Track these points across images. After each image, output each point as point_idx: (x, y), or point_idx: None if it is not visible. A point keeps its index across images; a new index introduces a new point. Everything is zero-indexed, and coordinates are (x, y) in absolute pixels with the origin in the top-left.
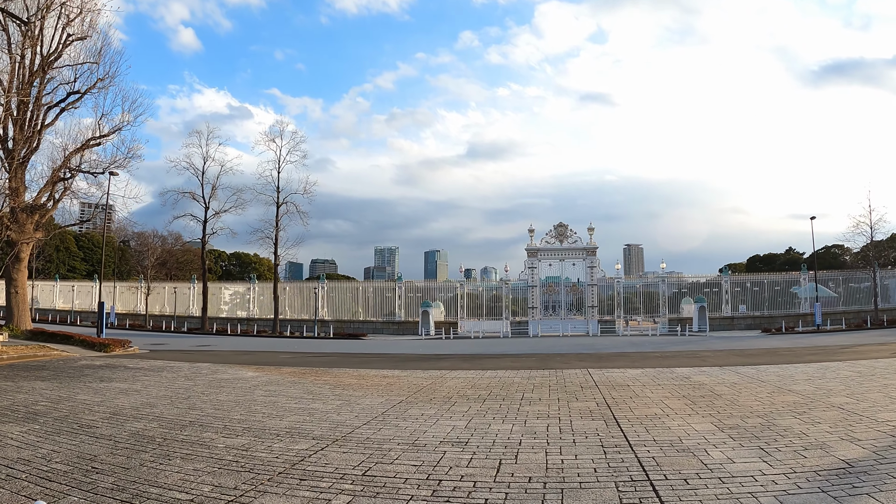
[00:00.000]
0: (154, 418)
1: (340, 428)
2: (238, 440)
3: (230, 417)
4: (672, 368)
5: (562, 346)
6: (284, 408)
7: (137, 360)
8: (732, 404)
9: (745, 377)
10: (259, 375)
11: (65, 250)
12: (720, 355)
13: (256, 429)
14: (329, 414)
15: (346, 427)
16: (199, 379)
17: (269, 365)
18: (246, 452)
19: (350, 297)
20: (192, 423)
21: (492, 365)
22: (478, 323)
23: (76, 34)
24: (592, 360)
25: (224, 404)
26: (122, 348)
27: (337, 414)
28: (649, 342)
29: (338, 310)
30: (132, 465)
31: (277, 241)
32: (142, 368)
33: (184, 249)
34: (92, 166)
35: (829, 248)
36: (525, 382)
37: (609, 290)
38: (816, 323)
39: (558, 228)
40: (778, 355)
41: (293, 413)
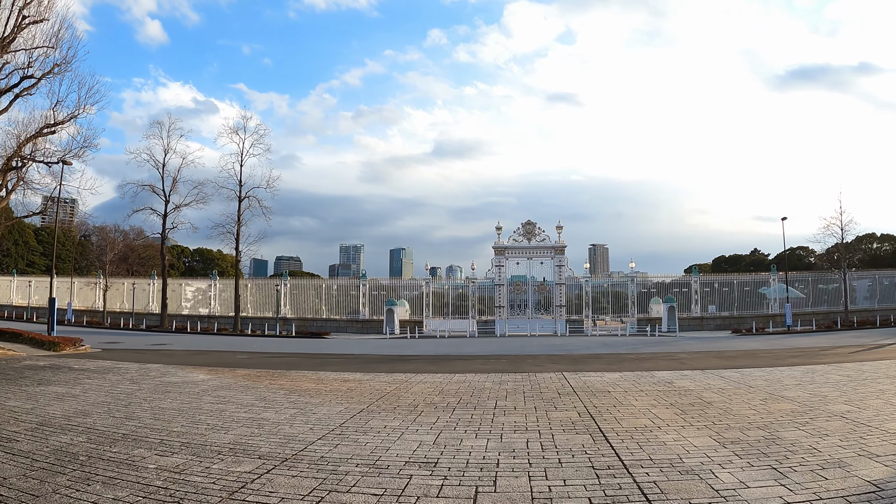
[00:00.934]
0: (84, 430)
1: (292, 443)
2: (173, 459)
3: (169, 429)
4: (651, 372)
5: (531, 347)
6: (232, 418)
7: (86, 360)
8: (726, 413)
9: (732, 382)
10: (210, 379)
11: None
12: (698, 357)
13: (197, 444)
14: (281, 425)
15: (299, 442)
16: (145, 382)
17: (224, 366)
18: (179, 476)
19: (313, 295)
20: (126, 437)
21: (460, 367)
22: (444, 322)
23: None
24: (566, 362)
25: (166, 413)
26: (73, 347)
27: (290, 426)
28: (621, 343)
29: (301, 308)
30: (44, 491)
31: (239, 236)
32: (87, 370)
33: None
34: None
35: (795, 249)
36: (497, 388)
37: (577, 290)
38: (787, 324)
39: (526, 226)
40: (758, 357)
41: (241, 424)
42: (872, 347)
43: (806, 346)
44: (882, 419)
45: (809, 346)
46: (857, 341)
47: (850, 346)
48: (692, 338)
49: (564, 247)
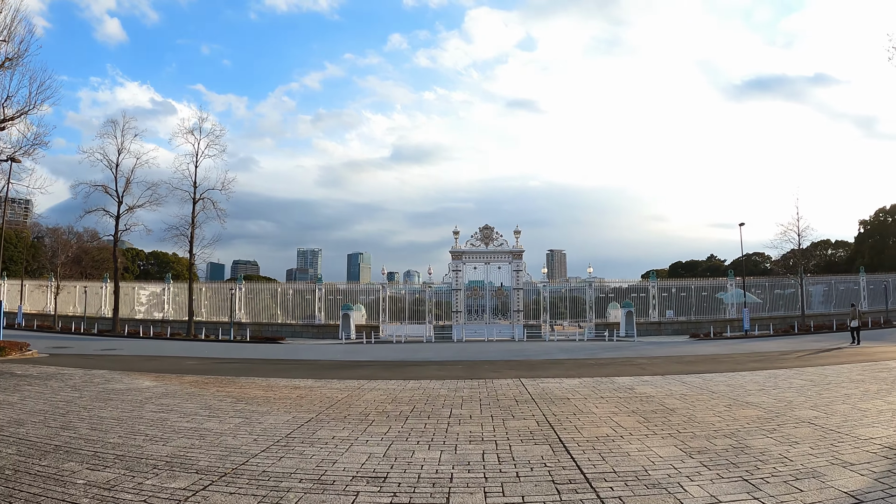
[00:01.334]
0: (15, 441)
1: (233, 456)
2: (104, 474)
3: (106, 441)
4: (611, 378)
5: (489, 352)
6: (173, 428)
7: (29, 365)
8: (690, 421)
9: (694, 388)
10: (156, 386)
11: None
12: (658, 362)
13: (132, 457)
14: (224, 436)
15: (241, 455)
16: (87, 390)
17: (172, 373)
18: (108, 493)
19: (269, 299)
20: (58, 449)
21: (415, 374)
22: (400, 327)
23: None
24: (524, 368)
25: (104, 423)
26: (20, 352)
27: (233, 436)
28: (579, 348)
29: (256, 312)
30: None
31: (193, 238)
32: (29, 376)
33: (100, 247)
34: None
35: (751, 255)
36: (452, 395)
37: (534, 295)
38: (745, 328)
39: (484, 231)
40: (719, 362)
41: (182, 435)
42: (830, 351)
43: (765, 351)
44: (851, 425)
45: (769, 351)
46: (816, 345)
47: (809, 350)
48: (650, 342)
49: (522, 251)
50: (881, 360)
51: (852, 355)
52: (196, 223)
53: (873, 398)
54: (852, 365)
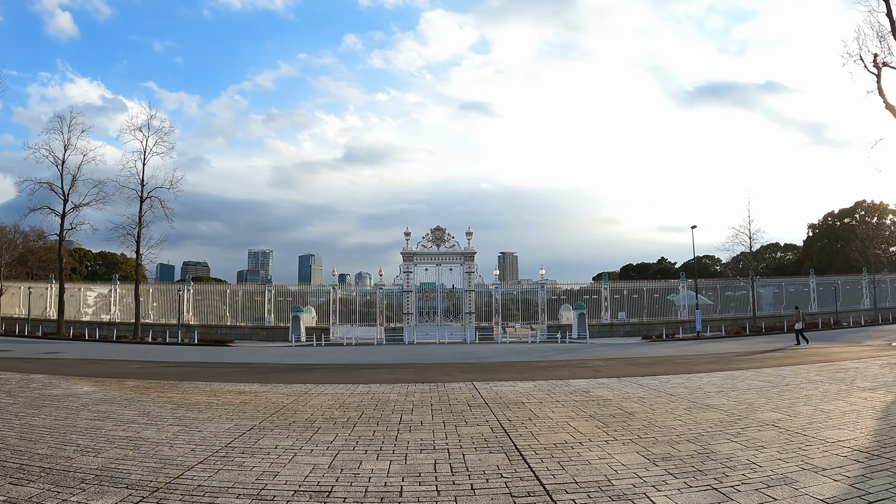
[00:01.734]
0: None
1: (168, 469)
2: (27, 489)
3: (33, 451)
4: (566, 381)
5: (440, 355)
6: (108, 437)
7: None
8: (651, 425)
9: (651, 390)
10: (95, 391)
11: None
12: (612, 364)
13: (60, 469)
14: (160, 446)
15: (176, 467)
16: (22, 395)
17: (114, 377)
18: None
19: (218, 301)
20: None
21: (365, 377)
22: (351, 329)
23: None
24: (476, 370)
25: (34, 431)
26: None
27: (170, 446)
28: (532, 350)
29: (205, 314)
30: None
31: (140, 238)
32: None
33: (46, 247)
34: None
35: (701, 258)
36: (403, 400)
37: (486, 297)
38: (697, 330)
39: (435, 232)
40: (674, 364)
41: (116, 444)
42: (784, 352)
43: (719, 352)
44: (817, 427)
45: (723, 352)
46: (769, 346)
47: (762, 350)
48: (603, 344)
49: (474, 253)
50: (836, 360)
51: (807, 356)
52: (143, 223)
53: (834, 399)
54: (808, 366)
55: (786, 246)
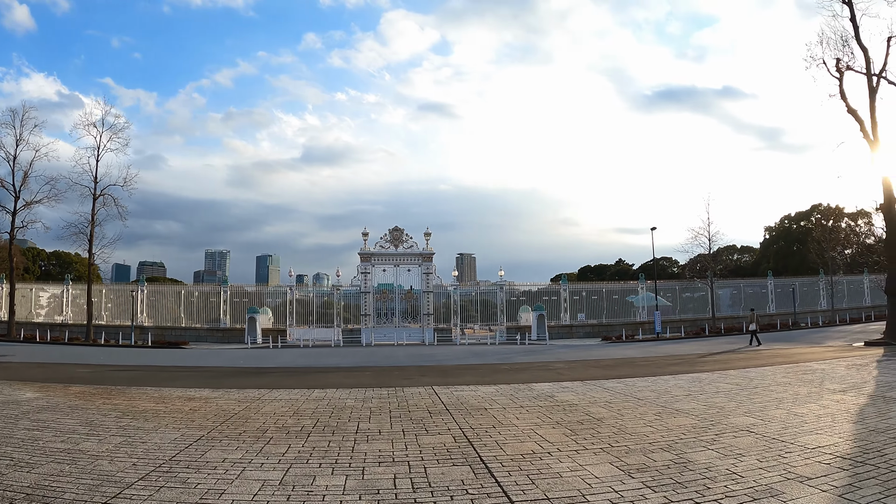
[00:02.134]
0: None
1: (106, 486)
2: None
3: None
4: (529, 384)
5: (399, 357)
6: (45, 449)
7: None
8: (622, 432)
9: (617, 394)
10: (38, 398)
11: None
12: (575, 367)
13: None
14: (100, 460)
15: (114, 484)
16: None
17: (60, 382)
18: None
19: (173, 302)
20: None
21: (321, 381)
22: (308, 331)
23: None
24: (435, 374)
25: None
26: None
27: (110, 460)
28: (491, 352)
29: (160, 315)
30: None
31: (93, 237)
32: None
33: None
34: None
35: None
36: (360, 406)
37: (445, 298)
38: (657, 331)
39: (393, 233)
40: (637, 366)
41: (53, 458)
42: (746, 353)
43: (682, 354)
44: (794, 433)
45: (685, 353)
46: (729, 347)
47: (724, 352)
48: (563, 346)
49: (432, 254)
50: (800, 361)
51: (771, 357)
52: (96, 221)
53: (806, 402)
54: (774, 367)
55: (742, 248)
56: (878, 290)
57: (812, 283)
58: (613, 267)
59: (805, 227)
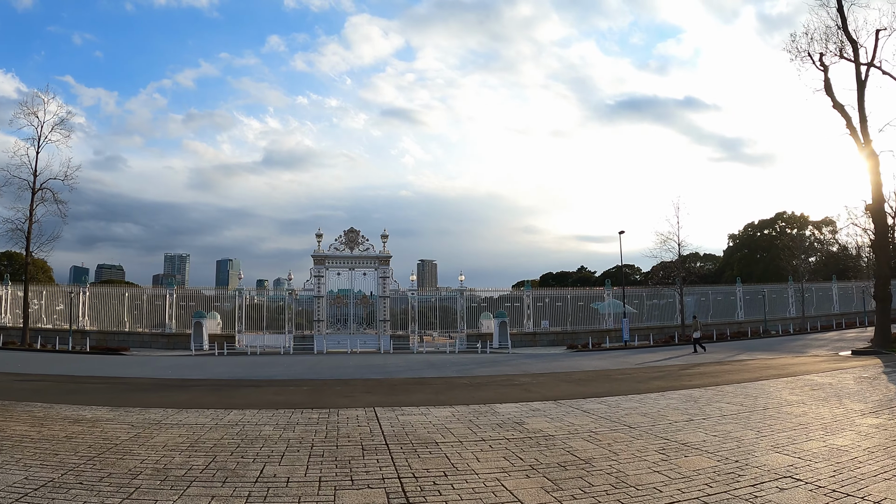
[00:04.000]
0: None
1: None
2: None
3: None
4: (492, 405)
5: (347, 368)
6: None
7: None
8: (623, 485)
9: (602, 419)
10: None
11: None
12: (544, 382)
13: None
14: None
15: None
16: None
17: None
18: None
19: (117, 305)
20: None
21: (246, 399)
22: (258, 337)
23: None
24: (383, 389)
25: None
26: None
27: None
28: (450, 362)
29: (103, 319)
30: None
31: (30, 234)
32: None
33: None
34: None
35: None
36: (277, 437)
37: (403, 304)
38: (624, 339)
39: (349, 234)
40: (615, 380)
41: None
42: (731, 363)
43: (659, 365)
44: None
45: (663, 365)
46: (708, 357)
47: (705, 362)
48: (528, 355)
49: (389, 257)
50: (797, 374)
51: (763, 368)
52: (35, 217)
53: (839, 429)
54: (773, 381)
55: (706, 256)
56: (846, 298)
57: (781, 290)
58: (575, 274)
59: (769, 234)
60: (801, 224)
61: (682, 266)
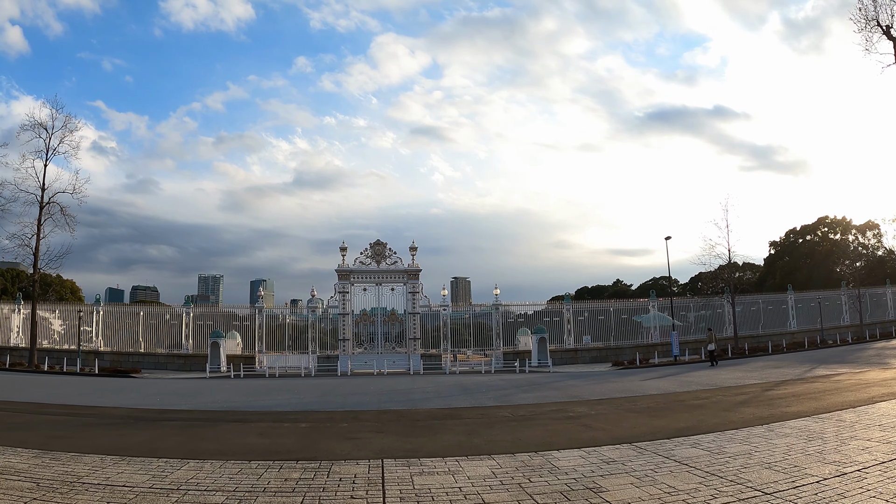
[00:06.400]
0: None
1: None
2: None
3: None
4: (547, 455)
5: (366, 394)
6: None
7: None
8: None
9: (714, 477)
10: None
11: None
12: (605, 413)
13: None
14: None
15: None
16: None
17: None
18: None
19: (132, 325)
20: None
21: (217, 442)
22: (280, 357)
23: None
24: (401, 426)
25: None
26: None
27: None
28: (486, 385)
29: (116, 339)
30: None
31: (38, 249)
32: None
33: None
34: None
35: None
36: None
37: (434, 321)
38: (674, 354)
39: (375, 248)
40: (692, 408)
41: None
42: (817, 380)
43: (732, 385)
44: None
45: (737, 384)
46: (785, 373)
47: (786, 380)
48: (571, 374)
49: (419, 271)
50: None
51: (862, 387)
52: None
53: None
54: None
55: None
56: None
57: (833, 297)
58: (611, 287)
59: (811, 241)
60: (843, 228)
61: (731, 273)
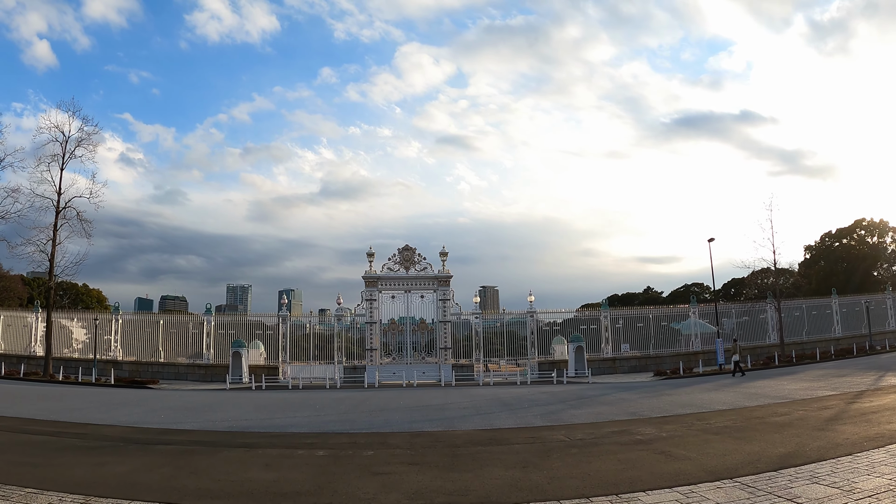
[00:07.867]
0: None
1: None
2: None
3: None
4: (632, 498)
5: (395, 410)
6: None
7: None
8: None
9: None
10: None
11: None
12: (678, 434)
13: None
14: None
15: None
16: None
17: None
18: None
19: (152, 333)
20: None
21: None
22: (305, 367)
23: None
24: (440, 456)
25: None
26: None
27: None
28: (527, 399)
29: (136, 348)
30: None
31: (54, 256)
32: None
33: None
34: None
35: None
36: None
37: (465, 330)
38: (719, 362)
39: (404, 253)
40: (776, 426)
41: None
42: (890, 389)
43: (804, 396)
44: None
45: (809, 396)
46: (851, 381)
47: (863, 389)
48: (615, 386)
49: (450, 277)
50: None
51: None
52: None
53: None
54: None
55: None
56: None
57: (879, 302)
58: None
59: (847, 244)
60: (881, 231)
61: (777, 278)
